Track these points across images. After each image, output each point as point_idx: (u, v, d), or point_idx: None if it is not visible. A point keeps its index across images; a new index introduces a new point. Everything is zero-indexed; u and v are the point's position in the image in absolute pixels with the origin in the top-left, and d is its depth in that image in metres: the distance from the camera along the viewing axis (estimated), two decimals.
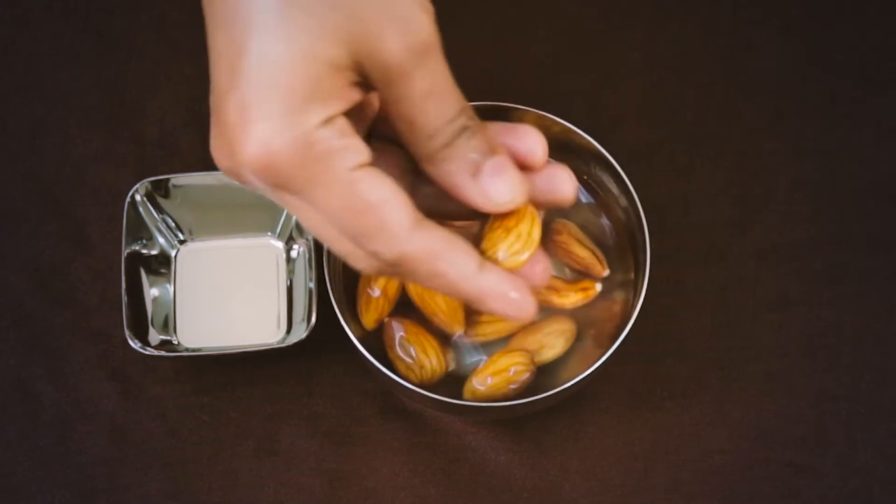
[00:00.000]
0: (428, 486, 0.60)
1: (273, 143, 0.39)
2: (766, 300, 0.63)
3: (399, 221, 0.41)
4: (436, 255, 0.41)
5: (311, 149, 0.40)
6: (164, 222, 0.63)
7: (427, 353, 0.57)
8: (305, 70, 0.39)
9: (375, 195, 0.40)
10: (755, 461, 0.60)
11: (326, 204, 0.41)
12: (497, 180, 0.43)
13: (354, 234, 0.41)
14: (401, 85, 0.40)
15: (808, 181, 0.65)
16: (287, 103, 0.39)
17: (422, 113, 0.41)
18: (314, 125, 0.40)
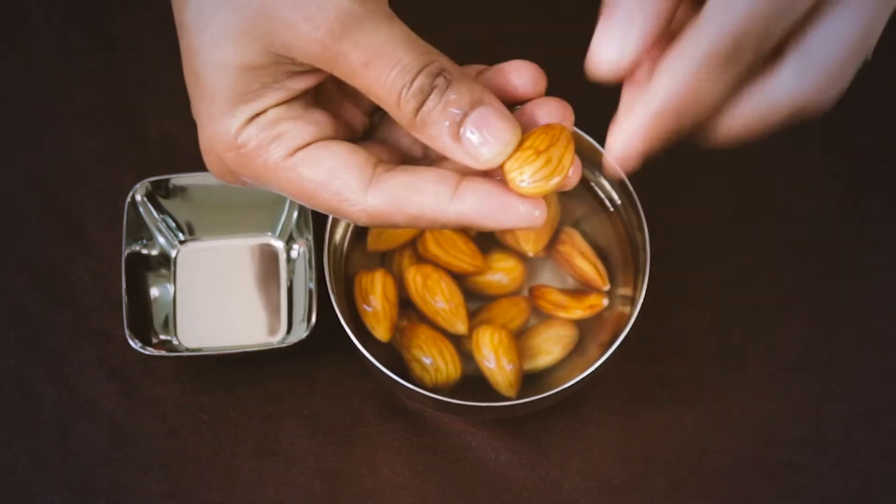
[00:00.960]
0: (428, 486, 0.60)
1: (215, 148, 0.42)
2: (766, 300, 0.63)
3: (349, 187, 0.41)
4: (400, 200, 0.41)
5: (243, 149, 0.41)
6: (164, 222, 0.63)
7: (444, 357, 0.57)
8: (221, 78, 0.40)
9: (318, 173, 0.41)
10: (755, 461, 0.60)
11: (286, 191, 0.42)
12: (481, 137, 0.40)
13: (324, 210, 0.42)
14: (337, 62, 0.40)
15: (809, 181, 0.65)
16: (214, 110, 0.41)
17: (372, 83, 0.40)
18: (239, 126, 0.41)
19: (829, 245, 0.64)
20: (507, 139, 0.41)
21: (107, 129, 0.67)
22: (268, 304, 0.62)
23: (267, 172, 0.42)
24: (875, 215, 0.65)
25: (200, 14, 0.40)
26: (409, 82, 0.40)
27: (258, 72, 0.40)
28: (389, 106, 0.40)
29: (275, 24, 0.39)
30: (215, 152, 0.42)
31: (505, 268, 0.60)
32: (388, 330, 0.57)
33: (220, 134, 0.41)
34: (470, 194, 0.41)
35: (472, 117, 0.40)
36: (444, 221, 0.41)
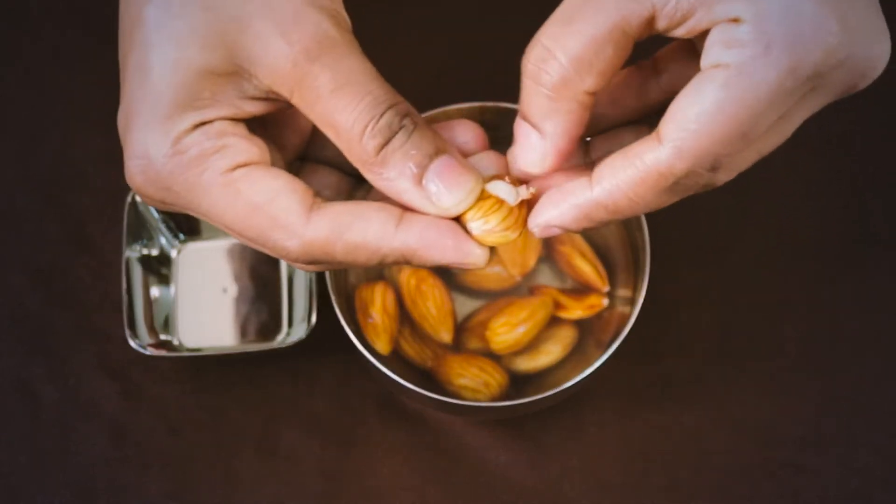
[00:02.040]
0: (428, 486, 0.60)
1: (149, 152, 0.39)
2: (766, 300, 0.63)
3: (290, 211, 0.38)
4: (341, 229, 0.39)
5: (182, 155, 0.38)
6: (164, 222, 0.63)
7: (487, 371, 0.58)
8: (174, 77, 0.38)
9: (258, 193, 0.38)
10: (755, 461, 0.60)
11: (213, 212, 0.39)
12: (443, 185, 0.39)
13: (251, 237, 0.39)
14: (303, 84, 0.38)
15: (808, 181, 0.65)
16: (158, 111, 0.38)
17: (336, 110, 0.38)
18: (183, 131, 0.38)
19: (829, 245, 0.64)
20: (469, 188, 0.39)
21: (107, 129, 0.66)
22: (268, 304, 0.62)
23: (200, 185, 0.39)
24: (875, 215, 0.65)
25: (168, 9, 0.38)
26: (377, 116, 0.38)
27: (215, 80, 0.38)
28: (349, 139, 0.38)
29: (246, 34, 0.38)
30: (147, 158, 0.39)
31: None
32: (388, 343, 0.57)
33: (160, 136, 0.38)
34: (416, 224, 0.39)
35: (435, 164, 0.39)
36: (386, 251, 0.39)
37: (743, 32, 0.35)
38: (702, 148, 0.36)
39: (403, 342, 0.59)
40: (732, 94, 0.36)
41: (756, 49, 0.35)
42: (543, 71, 0.38)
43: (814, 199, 0.65)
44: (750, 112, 0.36)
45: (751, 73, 0.35)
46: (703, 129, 0.36)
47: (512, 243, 0.59)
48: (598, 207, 0.39)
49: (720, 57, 0.36)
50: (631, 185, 0.38)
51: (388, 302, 0.58)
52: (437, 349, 0.59)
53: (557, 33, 0.37)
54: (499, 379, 0.58)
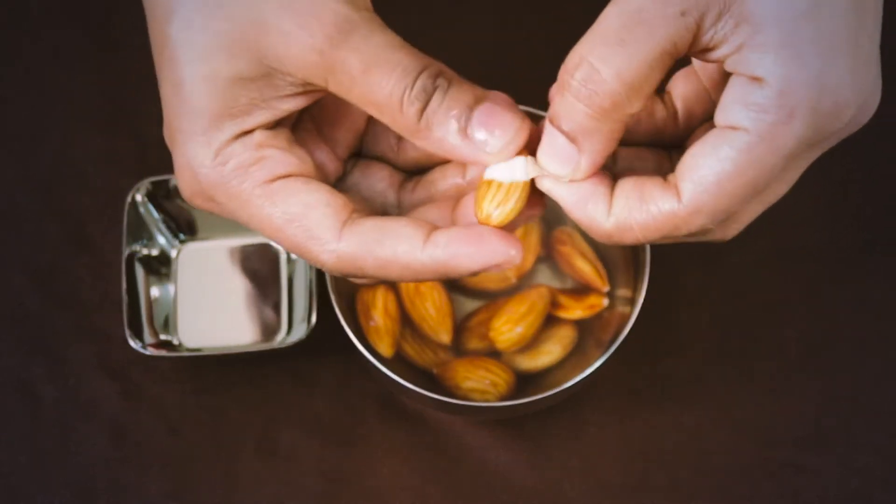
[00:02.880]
0: (428, 486, 0.60)
1: (192, 164, 0.40)
2: (767, 300, 0.63)
3: (323, 225, 0.39)
4: (372, 246, 0.39)
5: (224, 166, 0.40)
6: (164, 222, 0.63)
7: (492, 371, 0.58)
8: (208, 91, 0.39)
9: (294, 206, 0.39)
10: (755, 461, 0.60)
11: (252, 222, 0.40)
12: (489, 130, 0.39)
13: (288, 247, 0.40)
14: (335, 71, 0.39)
15: (808, 181, 0.65)
16: (197, 125, 0.39)
17: (372, 90, 0.39)
18: (224, 142, 0.39)
19: (829, 245, 0.64)
20: (516, 128, 0.40)
21: (107, 129, 0.67)
22: (268, 304, 0.62)
23: (241, 196, 0.40)
24: (875, 216, 0.65)
25: (191, 25, 0.39)
26: (410, 84, 0.39)
27: (248, 85, 0.39)
28: (391, 112, 0.39)
29: (268, 35, 0.38)
30: (191, 169, 0.40)
31: None
32: (391, 346, 0.57)
33: (201, 149, 0.40)
34: (443, 237, 0.40)
35: (478, 112, 0.40)
36: (417, 266, 0.40)
37: (765, 97, 0.36)
38: (719, 207, 0.38)
39: (404, 343, 0.59)
40: (751, 158, 0.37)
41: (778, 117, 0.36)
42: (592, 91, 0.37)
43: (813, 200, 0.65)
44: (768, 175, 0.37)
45: (771, 140, 0.36)
46: (722, 190, 0.37)
47: None
48: (605, 235, 0.40)
49: (740, 119, 0.36)
50: (643, 227, 0.39)
51: (390, 304, 0.58)
52: (440, 354, 0.59)
53: (607, 54, 0.37)
54: (505, 378, 0.58)
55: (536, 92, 0.65)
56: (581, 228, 0.60)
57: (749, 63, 0.36)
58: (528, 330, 0.58)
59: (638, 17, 0.36)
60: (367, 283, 0.43)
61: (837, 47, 0.36)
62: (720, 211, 0.38)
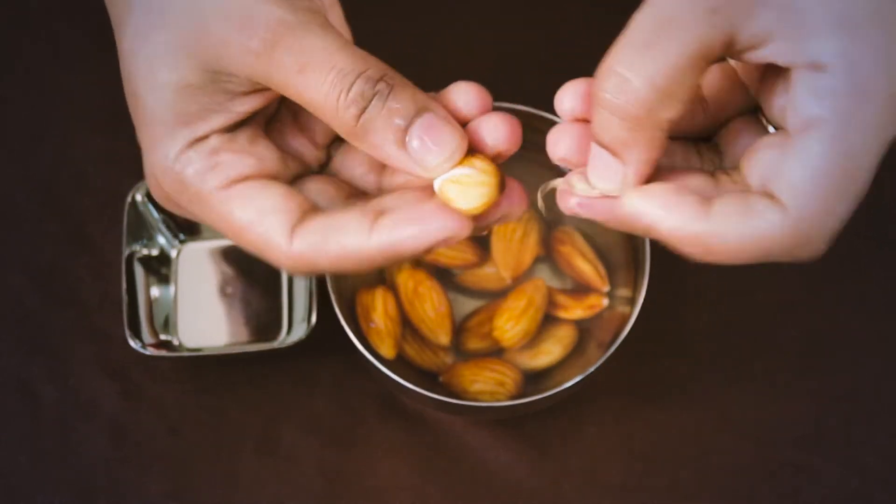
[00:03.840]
0: (428, 486, 0.60)
1: (157, 172, 0.41)
2: (766, 300, 0.63)
3: (275, 231, 0.39)
4: (320, 245, 0.39)
5: (181, 174, 0.40)
6: (164, 222, 0.63)
7: (500, 371, 0.58)
8: (158, 100, 0.40)
9: (249, 212, 0.40)
10: (755, 461, 0.60)
11: (216, 224, 0.41)
12: (427, 144, 0.39)
13: (249, 250, 0.41)
14: (271, 72, 0.39)
15: None
16: (155, 134, 0.40)
17: (307, 89, 0.39)
18: (179, 150, 0.40)
19: (830, 246, 0.64)
20: (454, 145, 0.39)
21: (107, 129, 0.67)
22: (268, 304, 0.62)
23: (201, 202, 0.40)
24: (875, 215, 0.65)
25: (137, 35, 0.40)
26: (346, 87, 0.38)
27: (196, 92, 0.39)
28: (327, 114, 0.39)
29: (209, 40, 0.39)
30: (156, 178, 0.41)
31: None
32: (393, 347, 0.57)
33: (160, 158, 0.40)
34: (387, 221, 0.39)
35: (417, 124, 0.39)
36: (366, 255, 0.39)
37: (836, 81, 0.34)
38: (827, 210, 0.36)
39: (405, 344, 0.59)
40: (843, 147, 0.35)
41: (855, 98, 0.34)
42: (624, 102, 0.36)
43: None
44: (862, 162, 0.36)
45: (855, 123, 0.35)
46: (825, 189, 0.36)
47: (508, 246, 0.59)
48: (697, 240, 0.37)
49: (817, 111, 0.35)
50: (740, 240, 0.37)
51: (390, 306, 0.58)
52: (440, 355, 0.59)
53: (635, 60, 0.36)
54: (512, 376, 0.58)
55: (535, 93, 0.65)
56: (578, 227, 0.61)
57: (806, 51, 0.35)
58: (530, 324, 0.58)
59: (666, 19, 0.35)
60: (327, 274, 0.43)
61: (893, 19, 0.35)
62: (827, 214, 0.36)
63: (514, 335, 0.58)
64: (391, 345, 0.57)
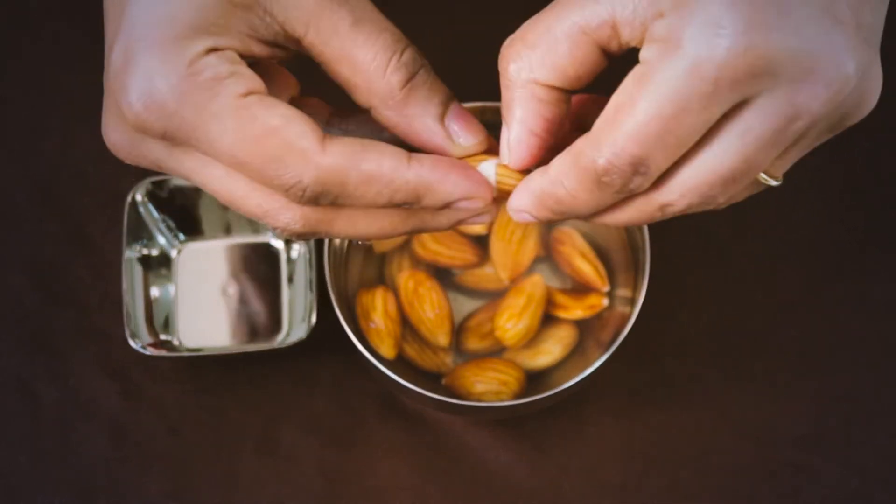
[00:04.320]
0: (428, 486, 0.60)
1: (156, 76, 0.37)
2: (766, 300, 0.63)
3: (305, 135, 0.37)
4: (357, 157, 0.37)
5: (195, 77, 0.37)
6: (164, 222, 0.63)
7: (503, 371, 0.58)
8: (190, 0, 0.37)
9: (273, 118, 0.37)
10: (755, 461, 0.60)
11: (222, 139, 0.37)
12: (463, 126, 0.40)
13: (262, 166, 0.37)
14: (323, 18, 0.38)
15: (809, 181, 0.65)
16: (169, 32, 0.37)
17: (356, 44, 0.38)
18: (198, 52, 0.37)
19: (829, 245, 0.64)
20: (484, 133, 0.40)
21: None
22: (268, 304, 0.62)
23: (211, 109, 0.37)
24: (875, 215, 0.65)
25: None
26: (399, 51, 0.38)
27: (231, 9, 0.37)
28: (371, 71, 0.38)
29: None
30: (153, 81, 0.37)
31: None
32: (393, 347, 0.57)
33: (173, 57, 0.36)
34: (427, 158, 0.38)
35: (455, 105, 0.40)
36: (400, 183, 0.38)
37: (658, 27, 0.35)
38: (615, 141, 0.36)
39: (405, 344, 0.59)
40: (640, 89, 0.35)
41: (664, 46, 0.34)
42: (504, 60, 0.38)
43: (813, 200, 0.65)
44: (659, 111, 0.35)
45: (656, 69, 0.35)
46: (614, 120, 0.36)
47: (507, 247, 0.59)
48: (546, 196, 0.39)
49: (642, 53, 0.36)
50: (564, 173, 0.38)
51: (390, 306, 0.58)
52: (441, 355, 0.59)
53: (525, 26, 0.38)
54: (515, 375, 0.58)
55: None
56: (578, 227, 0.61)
57: (656, 5, 0.35)
58: (531, 321, 0.58)
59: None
60: (318, 229, 0.40)
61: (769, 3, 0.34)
62: (619, 147, 0.36)
63: (516, 333, 0.58)
64: (391, 345, 0.57)
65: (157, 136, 0.38)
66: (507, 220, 0.60)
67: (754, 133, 0.36)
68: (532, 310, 0.58)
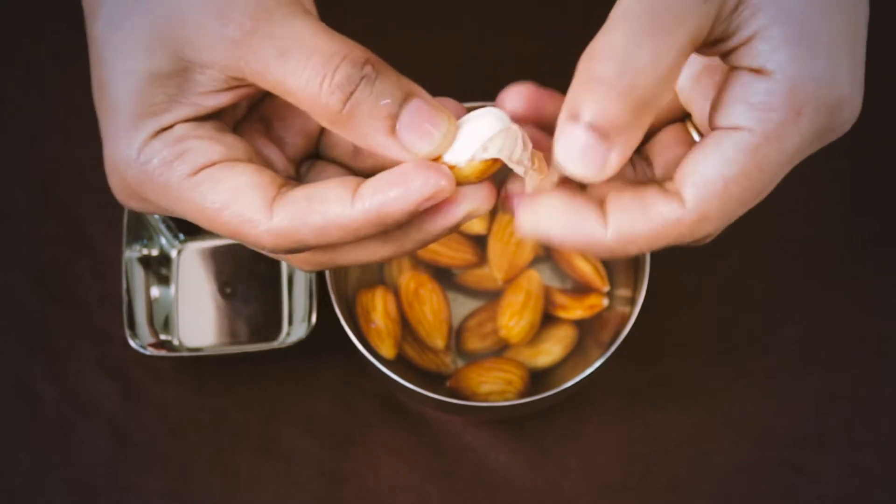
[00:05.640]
0: (428, 486, 0.60)
1: (121, 165, 0.39)
2: (766, 300, 0.63)
3: (252, 207, 0.38)
4: (303, 216, 0.37)
5: (147, 166, 0.39)
6: (165, 222, 0.63)
7: (507, 370, 0.58)
8: (126, 88, 0.38)
9: (222, 193, 0.38)
10: (755, 461, 0.60)
11: (187, 213, 0.39)
12: (418, 130, 0.38)
13: (226, 234, 0.39)
14: (248, 60, 0.37)
15: (809, 181, 0.65)
16: (119, 124, 0.39)
17: (287, 75, 0.37)
18: (144, 140, 0.38)
19: (829, 245, 0.64)
20: (444, 130, 0.38)
21: None
22: (268, 304, 0.62)
23: (169, 193, 0.39)
24: (875, 215, 0.65)
25: (110, 22, 0.38)
26: (330, 71, 0.37)
27: (166, 81, 0.38)
28: (309, 101, 0.38)
29: (185, 28, 0.38)
30: (119, 171, 0.40)
31: None
32: (393, 347, 0.57)
33: (123, 150, 0.39)
34: (369, 188, 0.37)
35: (406, 110, 0.38)
36: (352, 225, 0.37)
37: (773, 94, 0.35)
38: (726, 213, 0.36)
39: (405, 344, 0.59)
40: (758, 160, 0.35)
41: (786, 115, 0.35)
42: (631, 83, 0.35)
43: (813, 200, 0.65)
44: (773, 176, 0.36)
45: (777, 140, 0.35)
46: (728, 195, 0.36)
47: (504, 248, 0.59)
48: (605, 249, 0.38)
49: (744, 119, 0.35)
50: (647, 238, 0.37)
51: (390, 306, 0.58)
52: (441, 355, 0.59)
53: (642, 43, 0.35)
54: (520, 374, 0.58)
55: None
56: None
57: (759, 55, 0.35)
58: (534, 315, 0.58)
59: (662, 4, 0.35)
60: (318, 267, 0.41)
61: (843, 45, 0.35)
62: (727, 216, 0.37)
63: (521, 330, 0.58)
64: (391, 345, 0.57)
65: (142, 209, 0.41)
66: (507, 222, 0.60)
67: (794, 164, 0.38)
68: (532, 304, 0.58)
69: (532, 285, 0.58)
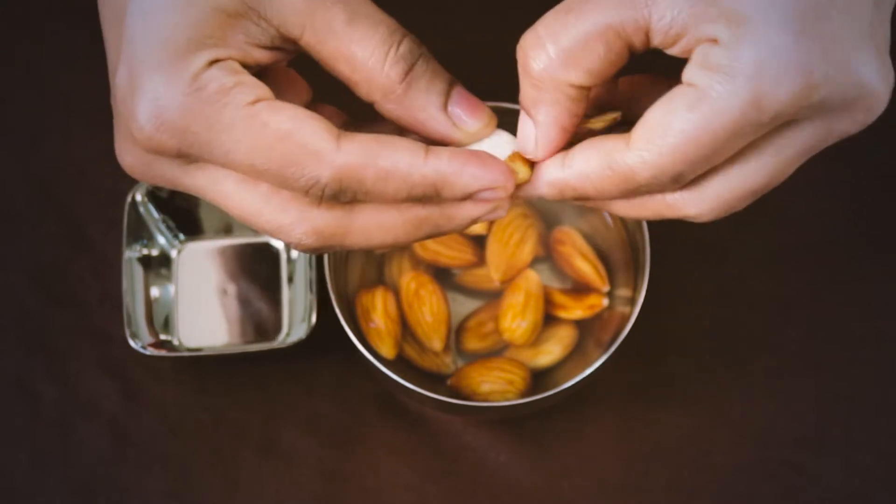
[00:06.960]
0: (428, 486, 0.60)
1: (163, 97, 0.37)
2: (766, 300, 0.63)
3: (318, 135, 0.37)
4: (373, 154, 0.37)
5: (201, 92, 0.37)
6: (164, 222, 0.63)
7: (508, 370, 0.58)
8: (188, 15, 0.37)
9: (284, 122, 0.37)
10: (755, 461, 0.60)
11: (237, 150, 0.37)
12: (468, 108, 0.40)
13: (279, 171, 0.37)
14: (317, 19, 0.38)
15: (809, 181, 0.65)
16: (169, 51, 0.37)
17: (352, 41, 0.38)
18: (200, 66, 0.37)
19: (830, 245, 0.64)
20: (489, 114, 0.40)
21: (107, 129, 0.67)
22: (268, 304, 0.62)
23: (222, 121, 0.37)
24: (876, 216, 0.65)
25: None
26: (396, 43, 0.38)
27: (225, 20, 0.37)
28: (370, 68, 0.38)
29: None
30: (160, 101, 0.37)
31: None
32: (393, 347, 0.57)
33: (176, 75, 0.37)
34: (444, 151, 0.38)
35: (458, 90, 0.40)
36: (417, 178, 0.38)
37: (716, 55, 0.36)
38: (664, 163, 0.37)
39: (406, 344, 0.59)
40: (696, 116, 0.36)
41: (723, 76, 0.35)
42: (531, 59, 0.38)
43: (814, 199, 0.65)
44: (712, 137, 0.36)
45: (715, 98, 0.36)
46: (666, 146, 0.37)
47: (503, 249, 0.59)
48: (567, 187, 0.40)
49: (693, 76, 0.36)
50: (597, 177, 0.39)
51: (390, 306, 0.58)
52: (441, 356, 0.59)
53: (552, 24, 0.38)
54: (521, 373, 0.58)
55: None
56: (577, 226, 0.60)
57: (708, 30, 0.36)
58: (536, 315, 0.58)
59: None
60: (330, 243, 0.40)
61: (812, 24, 0.35)
62: (667, 167, 0.37)
63: (524, 331, 0.58)
64: (391, 345, 0.57)
65: (171, 154, 0.38)
66: (507, 223, 0.60)
67: (789, 152, 0.38)
68: (533, 304, 0.58)
69: (531, 285, 0.59)
